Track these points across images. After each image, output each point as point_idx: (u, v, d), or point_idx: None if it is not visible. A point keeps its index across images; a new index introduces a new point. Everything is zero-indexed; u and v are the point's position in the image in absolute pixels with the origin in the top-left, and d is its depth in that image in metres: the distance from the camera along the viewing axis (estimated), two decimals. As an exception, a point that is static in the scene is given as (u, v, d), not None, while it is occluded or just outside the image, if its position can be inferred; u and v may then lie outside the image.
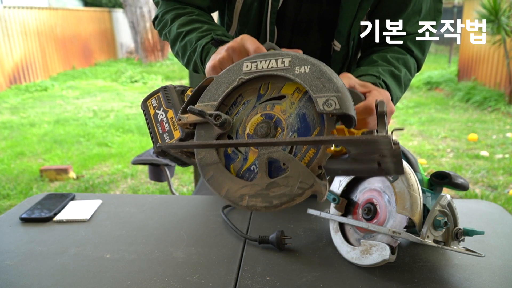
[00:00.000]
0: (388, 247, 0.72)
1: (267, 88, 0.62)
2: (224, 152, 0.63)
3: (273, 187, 0.58)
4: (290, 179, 0.57)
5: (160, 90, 0.75)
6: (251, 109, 0.62)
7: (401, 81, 0.89)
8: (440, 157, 4.05)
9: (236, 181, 0.60)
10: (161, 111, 0.75)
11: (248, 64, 0.61)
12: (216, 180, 0.61)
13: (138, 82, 8.42)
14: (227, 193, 0.60)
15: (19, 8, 8.10)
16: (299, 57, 0.59)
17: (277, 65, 0.60)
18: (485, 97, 6.06)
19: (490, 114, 5.60)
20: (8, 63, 7.66)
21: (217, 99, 0.62)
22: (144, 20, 9.73)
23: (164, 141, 0.73)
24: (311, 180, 0.56)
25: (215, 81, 0.63)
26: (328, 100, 0.55)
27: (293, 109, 0.60)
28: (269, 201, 0.58)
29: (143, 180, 3.60)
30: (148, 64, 9.96)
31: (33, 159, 4.11)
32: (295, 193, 0.57)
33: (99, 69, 9.94)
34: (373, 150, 0.57)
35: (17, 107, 6.42)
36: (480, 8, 5.46)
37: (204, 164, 0.62)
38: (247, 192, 0.59)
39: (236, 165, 0.62)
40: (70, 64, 9.64)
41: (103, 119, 5.66)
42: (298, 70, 0.58)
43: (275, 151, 0.58)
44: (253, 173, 0.60)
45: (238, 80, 0.61)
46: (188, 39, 0.89)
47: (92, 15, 10.90)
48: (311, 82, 0.57)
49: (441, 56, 10.69)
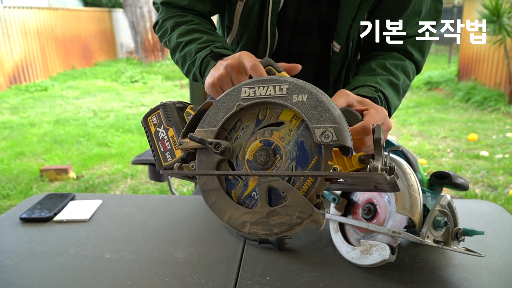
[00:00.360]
0: (388, 247, 0.72)
1: (265, 114, 0.62)
2: (225, 178, 0.64)
3: (273, 215, 0.59)
4: (290, 208, 0.58)
5: (160, 107, 0.76)
6: (250, 135, 0.63)
7: (399, 89, 0.88)
8: (440, 157, 4.05)
9: (238, 208, 0.62)
10: (162, 129, 0.75)
11: (246, 89, 0.62)
12: (218, 206, 0.63)
13: (138, 82, 8.42)
14: (229, 219, 0.62)
15: (19, 8, 8.10)
16: (297, 84, 0.59)
17: (275, 93, 0.60)
18: (485, 97, 6.06)
19: (490, 114, 5.60)
20: (8, 63, 7.66)
21: (216, 125, 0.63)
22: (144, 20, 9.73)
23: (166, 159, 0.74)
24: (310, 211, 0.58)
25: (214, 105, 0.64)
26: (326, 131, 0.56)
27: (292, 136, 0.61)
28: (270, 229, 0.60)
29: (143, 180, 3.60)
30: (148, 64, 9.96)
31: (33, 159, 4.12)
32: (294, 223, 0.58)
33: (99, 69, 9.94)
34: (369, 181, 0.60)
35: (17, 107, 6.43)
36: (482, 8, 5.46)
37: (206, 190, 0.64)
38: (249, 219, 0.61)
39: (237, 191, 0.63)
40: (70, 64, 9.64)
41: (103, 119, 5.66)
42: (296, 98, 0.59)
43: (274, 180, 0.59)
44: (253, 199, 0.62)
45: (237, 106, 0.62)
46: (187, 50, 0.88)
47: (92, 15, 10.91)
48: (308, 112, 0.58)
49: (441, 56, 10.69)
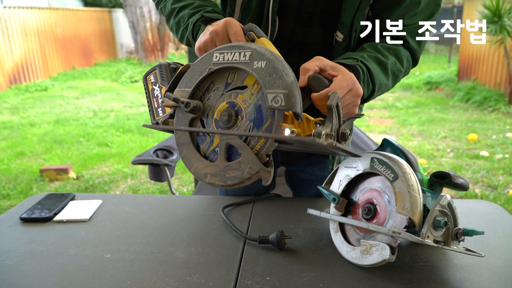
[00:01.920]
0: (388, 247, 0.72)
1: (233, 77, 0.69)
2: (197, 134, 0.72)
3: (229, 169, 0.67)
4: (242, 164, 0.65)
5: (157, 67, 0.83)
6: (219, 96, 0.70)
7: (387, 68, 0.89)
8: (440, 157, 4.05)
9: (202, 161, 0.70)
10: (157, 87, 0.82)
11: (217, 54, 0.69)
12: (188, 158, 0.72)
13: (138, 82, 8.42)
14: (195, 170, 0.70)
15: (19, 8, 8.10)
16: (259, 51, 0.65)
17: (239, 58, 0.66)
18: (485, 97, 6.06)
19: (490, 114, 5.60)
20: (8, 63, 7.66)
21: (191, 86, 0.71)
22: (144, 20, 9.72)
23: (158, 114, 0.81)
24: (258, 167, 0.64)
25: (191, 68, 0.72)
26: (276, 96, 0.62)
27: (252, 100, 0.67)
28: (224, 181, 0.67)
29: (143, 180, 3.60)
30: (148, 64, 9.95)
31: (33, 159, 4.11)
32: (244, 177, 0.65)
33: (99, 69, 9.94)
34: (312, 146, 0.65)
35: (17, 107, 6.42)
36: (482, 8, 5.46)
37: (180, 143, 0.73)
38: (209, 171, 0.69)
39: (205, 146, 0.71)
40: (70, 64, 9.64)
41: (103, 119, 5.66)
42: (256, 64, 0.65)
43: (232, 138, 0.67)
44: (216, 154, 0.70)
45: (208, 70, 0.69)
46: (181, 16, 0.93)
47: (92, 15, 10.90)
48: (264, 78, 0.63)
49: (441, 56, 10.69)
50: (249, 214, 1.01)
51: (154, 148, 1.84)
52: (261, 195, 1.14)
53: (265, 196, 1.12)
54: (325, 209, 0.88)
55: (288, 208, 1.04)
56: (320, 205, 1.01)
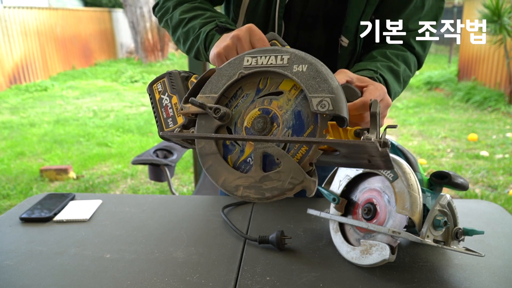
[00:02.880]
0: (388, 247, 0.72)
1: (266, 83, 0.64)
2: (223, 143, 0.66)
3: (266, 180, 0.61)
4: (282, 174, 0.60)
5: (165, 76, 0.78)
6: (249, 103, 0.64)
7: (399, 76, 0.89)
8: (440, 157, 4.05)
9: (232, 172, 0.63)
10: (166, 96, 0.77)
11: (249, 58, 0.64)
12: (214, 169, 0.65)
13: (138, 82, 8.42)
14: (224, 182, 0.63)
15: (19, 8, 8.10)
16: (298, 55, 0.61)
17: (276, 62, 0.62)
18: (485, 97, 6.06)
19: (490, 114, 5.60)
20: (8, 63, 7.66)
21: (217, 92, 0.65)
22: (144, 20, 9.73)
23: (168, 126, 0.76)
24: (302, 177, 0.59)
25: (217, 73, 0.66)
26: (322, 101, 0.57)
27: (290, 105, 0.62)
28: (262, 194, 0.61)
29: (143, 180, 3.60)
30: (148, 64, 9.96)
31: (33, 159, 4.11)
32: (286, 188, 0.60)
33: (99, 69, 9.94)
34: (361, 151, 0.60)
35: (17, 107, 6.42)
36: (482, 8, 5.46)
37: (204, 154, 0.66)
38: (242, 183, 0.62)
39: (233, 156, 0.65)
40: (70, 64, 9.64)
41: (103, 119, 5.66)
42: (296, 68, 0.60)
43: (270, 147, 0.61)
44: (248, 165, 0.63)
45: (239, 74, 0.64)
46: (191, 26, 0.89)
47: (92, 15, 10.90)
48: (307, 82, 0.59)
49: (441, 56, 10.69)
50: (249, 214, 1.01)
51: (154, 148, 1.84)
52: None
53: (265, 196, 1.12)
54: (325, 209, 0.88)
55: (288, 208, 1.04)
56: (320, 205, 1.01)
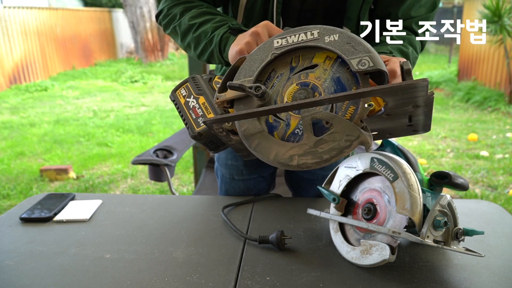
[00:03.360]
0: (388, 247, 0.72)
1: (298, 60, 0.65)
2: (266, 121, 0.65)
3: (321, 144, 0.60)
4: (337, 134, 0.59)
5: (189, 80, 0.79)
6: (286, 81, 0.65)
7: (409, 58, 0.92)
8: (440, 157, 4.05)
9: (283, 144, 0.63)
10: (192, 99, 0.78)
11: (278, 40, 0.65)
12: (263, 146, 0.64)
13: (138, 82, 8.42)
14: (276, 156, 0.62)
15: (19, 8, 8.10)
16: (327, 28, 0.62)
17: (307, 37, 0.63)
18: (485, 97, 6.06)
19: (490, 114, 5.60)
20: (8, 63, 7.66)
21: (252, 75, 0.65)
22: (144, 20, 9.72)
23: (199, 125, 0.76)
24: (357, 132, 0.59)
25: (248, 59, 0.66)
26: (362, 60, 0.59)
27: (327, 74, 0.63)
28: (319, 157, 0.60)
29: (143, 180, 3.60)
30: (148, 64, 9.96)
31: (33, 159, 4.11)
32: (343, 146, 0.59)
33: (99, 69, 9.94)
34: (409, 98, 0.60)
35: (17, 107, 6.42)
36: (482, 8, 5.46)
37: (249, 135, 0.65)
38: (296, 152, 0.61)
39: (280, 132, 0.64)
40: (70, 64, 9.64)
41: (103, 119, 5.66)
42: (327, 39, 0.62)
43: (317, 112, 0.61)
44: (297, 136, 0.63)
45: (271, 55, 0.65)
46: (202, 30, 0.90)
47: (92, 15, 10.90)
48: (342, 47, 0.61)
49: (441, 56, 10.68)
50: (249, 214, 1.01)
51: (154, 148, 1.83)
52: (261, 195, 1.15)
53: (265, 196, 1.12)
54: (325, 209, 0.88)
55: (288, 208, 1.04)
56: (320, 205, 1.01)
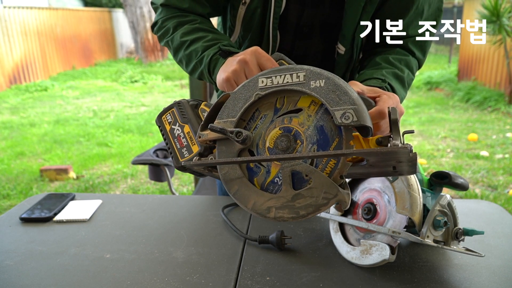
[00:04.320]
0: (388, 247, 0.72)
1: (283, 102, 0.63)
2: (247, 166, 0.64)
3: (299, 198, 0.60)
4: (315, 190, 0.59)
5: (174, 106, 0.77)
6: (269, 123, 0.64)
7: (404, 82, 0.90)
8: (440, 157, 4.05)
9: (262, 194, 0.62)
10: (177, 126, 0.76)
11: (263, 79, 0.63)
12: (242, 194, 0.63)
13: (138, 82, 8.42)
14: (254, 206, 0.62)
15: (19, 8, 8.10)
16: (313, 71, 0.61)
17: (292, 80, 0.61)
18: (485, 97, 6.06)
19: (490, 114, 5.60)
20: (8, 63, 7.66)
21: (235, 116, 0.64)
22: (144, 20, 9.73)
23: (183, 156, 0.74)
24: (335, 190, 0.58)
25: (232, 97, 0.65)
26: (346, 113, 0.57)
27: (311, 121, 0.61)
28: (296, 212, 0.60)
29: (143, 180, 3.60)
30: (148, 64, 9.96)
31: (33, 159, 4.11)
32: (320, 203, 0.58)
33: (99, 69, 9.94)
34: (391, 158, 0.60)
35: (17, 107, 6.43)
36: (481, 9, 5.46)
37: (228, 179, 0.64)
38: (274, 204, 0.61)
39: (260, 178, 0.63)
40: (70, 64, 9.64)
41: (103, 119, 5.66)
42: (313, 84, 0.60)
43: (297, 164, 0.60)
44: (277, 185, 0.62)
45: (255, 96, 0.63)
46: (193, 49, 0.88)
47: (92, 15, 10.90)
48: (327, 96, 0.59)
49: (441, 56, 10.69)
50: (249, 214, 1.01)
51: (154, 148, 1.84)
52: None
53: (265, 196, 1.12)
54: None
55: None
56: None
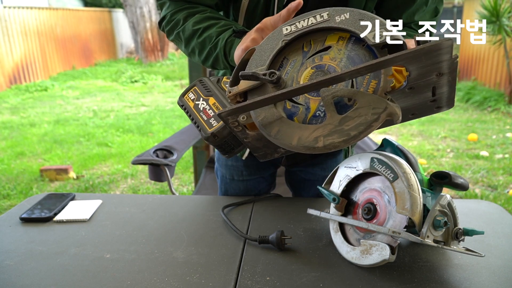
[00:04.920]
0: (388, 247, 0.72)
1: (310, 45, 0.63)
2: (284, 109, 0.62)
3: (347, 121, 0.57)
4: (362, 109, 0.56)
5: (196, 83, 0.78)
6: (300, 66, 0.63)
7: None
8: (440, 157, 4.05)
9: (306, 127, 0.59)
10: (201, 101, 0.77)
11: (287, 27, 0.63)
12: (284, 133, 0.60)
13: (138, 82, 8.42)
14: (299, 140, 0.59)
15: (19, 8, 8.10)
16: (336, 8, 0.61)
17: (316, 21, 0.61)
18: (485, 97, 6.06)
19: (490, 114, 5.60)
20: (8, 63, 7.66)
21: (264, 64, 0.63)
22: (144, 20, 9.72)
23: (212, 125, 0.74)
24: (383, 104, 0.55)
25: (257, 50, 0.64)
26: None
27: (342, 54, 0.61)
28: (347, 134, 0.56)
29: (143, 180, 3.60)
30: (148, 64, 9.95)
31: (33, 159, 4.11)
32: (370, 119, 0.55)
33: (99, 69, 9.94)
34: (433, 64, 0.57)
35: (17, 107, 6.42)
36: (481, 9, 5.46)
37: (267, 123, 0.61)
38: (321, 133, 0.58)
39: (300, 117, 0.61)
40: (70, 64, 9.64)
41: (103, 119, 5.66)
42: (338, 18, 0.60)
43: (339, 90, 0.57)
44: (319, 118, 0.60)
45: (282, 42, 0.62)
46: (207, 35, 0.89)
47: (92, 15, 10.90)
48: (355, 25, 0.59)
49: (441, 56, 10.68)
50: (249, 214, 1.01)
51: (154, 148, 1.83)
52: (262, 195, 1.15)
53: (265, 196, 1.12)
54: (325, 209, 0.88)
55: (288, 208, 1.04)
56: (320, 205, 1.01)
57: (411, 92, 0.62)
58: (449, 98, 0.63)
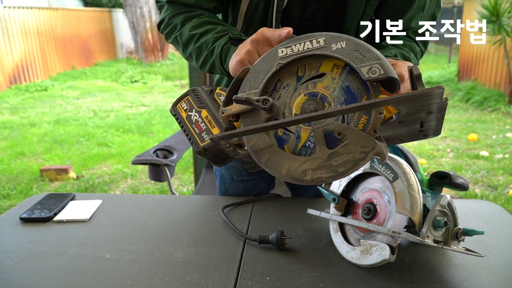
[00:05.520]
0: (388, 247, 0.72)
1: (304, 70, 0.63)
2: (275, 135, 0.63)
3: (335, 156, 0.58)
4: (351, 146, 0.57)
5: (189, 93, 0.77)
6: (293, 91, 0.63)
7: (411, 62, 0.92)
8: (440, 157, 4.05)
9: (296, 159, 0.60)
10: (193, 113, 0.76)
11: (283, 49, 0.63)
12: (274, 161, 0.61)
13: (138, 82, 8.42)
14: (288, 171, 0.60)
15: (19, 8, 8.10)
16: (332, 35, 0.61)
17: (312, 46, 0.61)
18: (485, 97, 6.06)
19: (490, 114, 5.60)
20: (8, 63, 7.65)
21: (258, 87, 0.63)
22: (144, 20, 9.72)
23: (204, 140, 0.74)
24: (372, 143, 0.57)
25: (252, 70, 0.64)
26: (372, 68, 0.57)
27: (336, 83, 0.61)
28: (334, 170, 0.58)
29: (143, 180, 3.60)
30: (148, 64, 9.95)
31: (33, 159, 4.11)
32: (358, 158, 0.57)
33: (99, 69, 9.94)
34: (423, 105, 0.58)
35: (17, 107, 6.42)
36: (481, 9, 5.46)
37: (258, 150, 0.62)
38: (309, 166, 0.59)
39: (290, 145, 0.62)
40: (70, 64, 9.64)
41: (103, 119, 5.65)
42: (334, 46, 0.60)
43: (329, 123, 0.59)
44: (309, 149, 0.61)
45: (277, 65, 0.62)
46: (203, 41, 0.89)
47: (92, 15, 10.90)
48: (350, 55, 0.59)
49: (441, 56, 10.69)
50: (249, 214, 1.01)
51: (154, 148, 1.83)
52: (261, 195, 1.15)
53: (265, 196, 1.12)
54: (325, 209, 0.88)
55: (288, 208, 1.04)
56: (320, 205, 1.01)
57: (399, 125, 0.64)
58: (436, 129, 0.66)
